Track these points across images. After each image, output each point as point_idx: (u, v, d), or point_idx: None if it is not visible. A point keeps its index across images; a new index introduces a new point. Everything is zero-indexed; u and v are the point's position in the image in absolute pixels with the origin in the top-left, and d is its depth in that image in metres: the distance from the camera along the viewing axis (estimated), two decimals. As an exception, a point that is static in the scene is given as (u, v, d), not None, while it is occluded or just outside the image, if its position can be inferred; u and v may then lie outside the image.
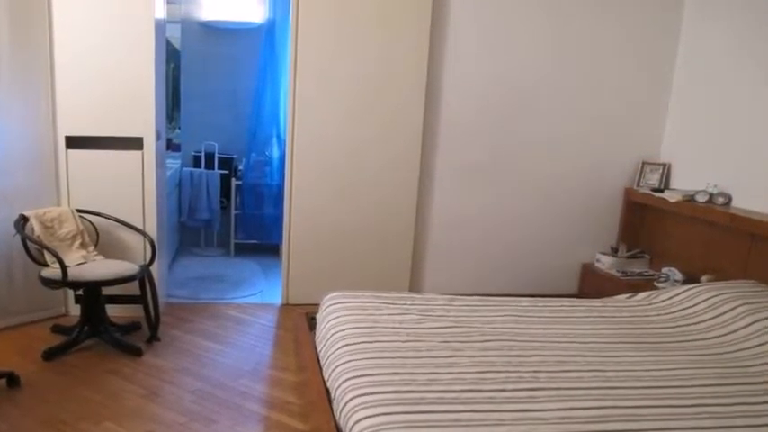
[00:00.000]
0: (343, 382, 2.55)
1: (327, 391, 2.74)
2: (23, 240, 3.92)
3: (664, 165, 5.27)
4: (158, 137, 4.54)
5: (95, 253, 4.27)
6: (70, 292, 4.60)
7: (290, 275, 5.05)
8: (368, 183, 5.01)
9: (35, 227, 4.04)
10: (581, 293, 5.43)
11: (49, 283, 3.87)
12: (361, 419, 2.25)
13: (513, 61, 5.11)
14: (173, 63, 6.29)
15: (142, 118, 4.42)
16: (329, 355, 2.90)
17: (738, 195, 4.54)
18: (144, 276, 4.17)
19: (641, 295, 3.91)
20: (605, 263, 5.26)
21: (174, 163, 6.27)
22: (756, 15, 4.48)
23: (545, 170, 5.34)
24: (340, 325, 3.09)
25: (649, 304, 3.72)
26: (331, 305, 3.38)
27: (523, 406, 2.37)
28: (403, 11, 4.80)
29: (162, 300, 4.66)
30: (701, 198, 4.64)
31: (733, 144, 4.64)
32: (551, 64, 5.17)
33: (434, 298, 3.57)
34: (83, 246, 4.23)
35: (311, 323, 3.65)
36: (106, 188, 4.47)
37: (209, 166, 6.62)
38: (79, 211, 4.33)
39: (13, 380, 3.54)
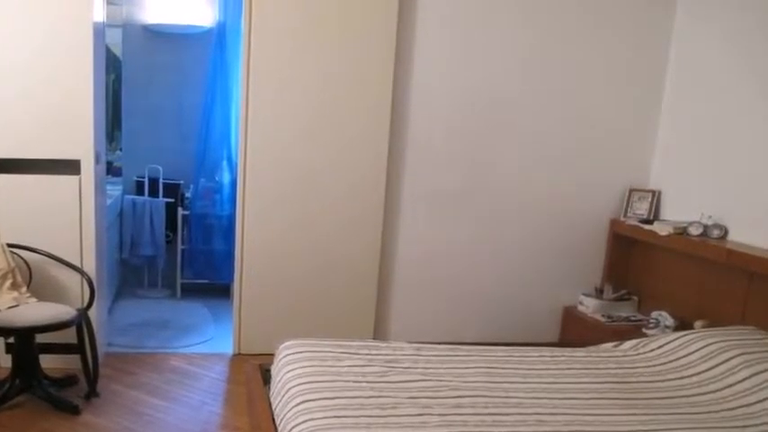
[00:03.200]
0: (300, 445, 2.55)
1: (283, 455, 2.75)
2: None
3: (653, 192, 5.31)
4: (98, 159, 4.50)
5: (28, 294, 4.21)
6: (0, 341, 4.52)
7: (243, 321, 5.03)
8: (328, 212, 5.01)
9: (-41, 265, 4.00)
10: (562, 341, 5.44)
11: (-24, 330, 3.83)
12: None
13: (486, 79, 5.13)
14: (113, 74, 6.27)
15: (79, 138, 4.36)
16: (285, 414, 2.89)
17: (735, 227, 4.53)
18: (81, 322, 4.14)
19: (629, 344, 3.92)
20: (589, 306, 5.28)
21: (114, 189, 6.22)
22: (756, 26, 4.49)
23: (522, 199, 5.36)
24: (297, 378, 3.09)
25: (637, 354, 3.75)
26: (287, 356, 3.37)
27: (497, 473, 2.39)
28: (367, 18, 4.79)
29: (101, 349, 4.61)
30: (695, 230, 4.63)
31: (730, 168, 4.65)
32: (528, 79, 5.19)
33: (401, 347, 3.58)
34: (14, 286, 4.17)
35: (266, 376, 3.64)
36: (39, 219, 4.39)
37: (153, 193, 6.54)
38: (10, 245, 4.26)
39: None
